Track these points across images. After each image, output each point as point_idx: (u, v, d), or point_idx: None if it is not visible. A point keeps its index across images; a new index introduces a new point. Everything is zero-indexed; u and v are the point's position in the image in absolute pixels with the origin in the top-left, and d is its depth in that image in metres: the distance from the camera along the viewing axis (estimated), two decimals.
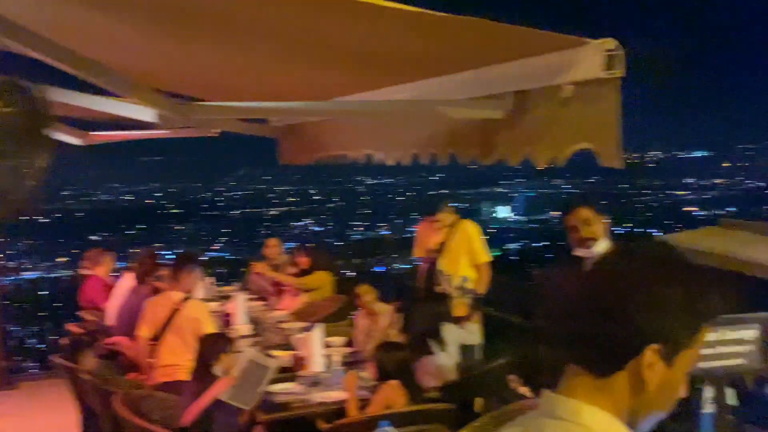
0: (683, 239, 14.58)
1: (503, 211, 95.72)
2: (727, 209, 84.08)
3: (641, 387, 1.56)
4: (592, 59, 3.12)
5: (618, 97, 3.08)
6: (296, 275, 9.65)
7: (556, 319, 1.71)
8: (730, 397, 7.85)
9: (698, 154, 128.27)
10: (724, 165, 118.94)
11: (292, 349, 7.01)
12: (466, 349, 7.11)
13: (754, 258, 11.11)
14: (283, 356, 6.82)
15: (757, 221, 16.64)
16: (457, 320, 7.36)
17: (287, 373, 6.53)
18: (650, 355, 1.54)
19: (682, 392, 1.62)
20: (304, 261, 9.67)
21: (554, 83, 3.35)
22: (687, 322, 1.56)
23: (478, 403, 6.63)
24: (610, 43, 3.09)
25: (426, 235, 8.24)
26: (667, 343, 1.55)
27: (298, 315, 8.75)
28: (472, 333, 7.66)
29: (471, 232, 8.14)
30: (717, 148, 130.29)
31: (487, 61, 3.79)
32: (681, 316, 1.55)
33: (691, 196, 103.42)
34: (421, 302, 7.64)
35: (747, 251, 11.56)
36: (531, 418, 1.64)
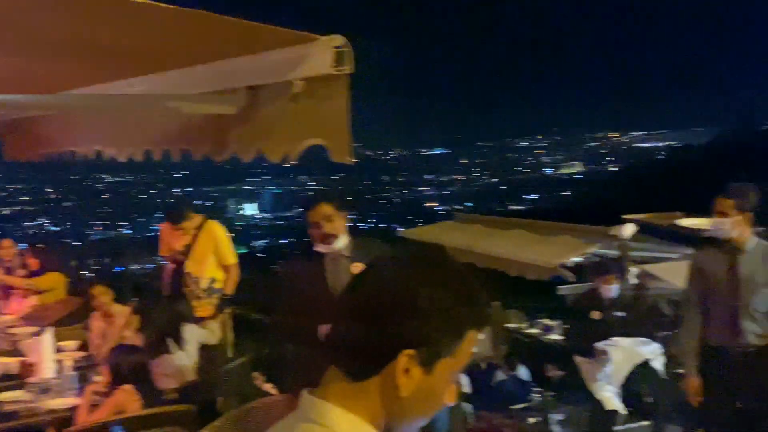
0: (422, 233, 15.13)
1: (250, 208, 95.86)
2: (465, 204, 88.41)
3: (397, 392, 1.51)
4: (322, 55, 3.14)
5: (347, 93, 3.12)
6: (26, 277, 9.17)
7: (312, 320, 1.66)
8: (464, 384, 8.22)
9: (438, 151, 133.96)
10: (462, 161, 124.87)
11: (21, 355, 6.64)
12: (207, 349, 7.02)
13: (487, 250, 11.70)
14: (10, 362, 6.46)
15: (490, 215, 17.57)
16: (198, 320, 7.26)
17: (15, 380, 6.19)
18: (405, 360, 1.49)
19: (448, 400, 1.58)
20: (34, 262, 9.20)
21: (285, 79, 3.34)
22: (446, 328, 1.51)
23: (221, 402, 6.56)
24: (338, 39, 3.11)
25: (171, 236, 8.07)
26: (424, 349, 1.50)
27: (28, 318, 8.31)
28: (214, 332, 7.58)
29: (218, 233, 8.07)
30: (455, 146, 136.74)
31: (219, 55, 3.73)
32: (439, 323, 1.50)
33: (431, 192, 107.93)
34: (161, 302, 7.47)
35: (480, 244, 12.14)
36: (289, 420, 1.58)
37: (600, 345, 7.52)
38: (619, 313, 7.66)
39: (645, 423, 7.86)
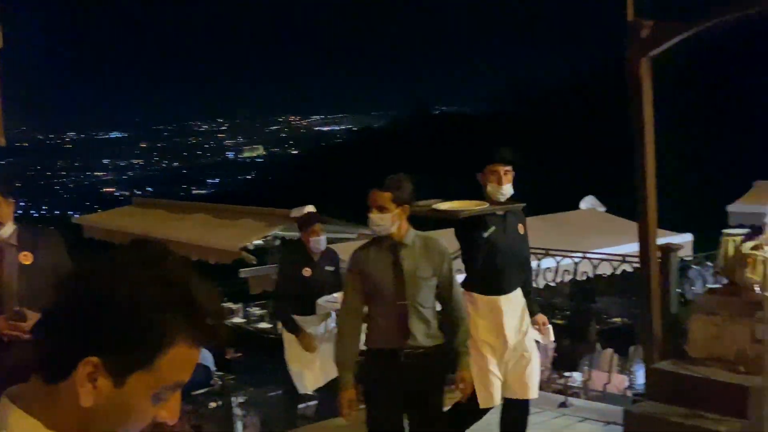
0: (100, 220, 14.61)
1: None
2: (147, 189, 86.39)
3: (80, 401, 1.37)
4: None
5: None
6: None
7: None
8: None
9: (116, 134, 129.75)
10: (141, 145, 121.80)
11: None
12: None
13: (168, 235, 11.48)
14: None
15: (172, 200, 17.26)
16: None
17: None
18: (88, 367, 1.35)
19: (163, 417, 1.44)
20: None
21: None
22: (138, 337, 1.36)
23: None
24: None
25: None
26: (112, 358, 1.35)
27: None
28: None
29: None
30: (134, 129, 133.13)
31: None
32: (130, 329, 1.35)
33: (109, 177, 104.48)
34: None
35: (161, 229, 11.91)
36: None
37: (322, 301, 7.44)
38: (328, 268, 7.63)
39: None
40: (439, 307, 5.35)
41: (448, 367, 5.32)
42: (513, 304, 5.92)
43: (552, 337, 6.34)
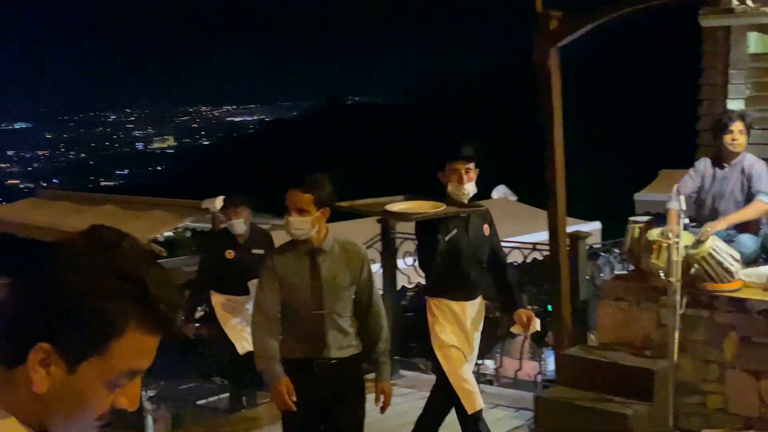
0: (1, 212, 14.24)
1: None
2: (53, 180, 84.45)
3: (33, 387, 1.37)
4: None
5: None
6: None
7: None
8: None
9: (20, 125, 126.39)
10: (47, 136, 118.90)
11: None
12: None
13: (75, 227, 11.28)
14: None
15: (80, 192, 16.91)
16: None
17: None
18: (40, 353, 1.35)
19: (122, 405, 1.44)
20: None
21: None
22: (89, 324, 1.36)
23: None
24: None
25: None
26: (63, 345, 1.35)
27: None
28: None
29: None
30: (39, 120, 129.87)
31: None
32: (80, 316, 1.35)
33: (13, 169, 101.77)
34: None
35: (67, 221, 11.66)
36: None
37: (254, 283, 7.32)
38: (257, 250, 7.43)
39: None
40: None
41: (362, 376, 5.02)
42: (477, 310, 5.72)
43: (538, 327, 5.91)
